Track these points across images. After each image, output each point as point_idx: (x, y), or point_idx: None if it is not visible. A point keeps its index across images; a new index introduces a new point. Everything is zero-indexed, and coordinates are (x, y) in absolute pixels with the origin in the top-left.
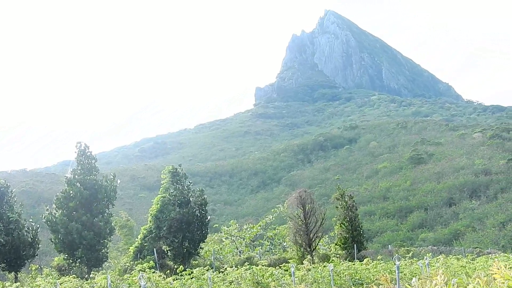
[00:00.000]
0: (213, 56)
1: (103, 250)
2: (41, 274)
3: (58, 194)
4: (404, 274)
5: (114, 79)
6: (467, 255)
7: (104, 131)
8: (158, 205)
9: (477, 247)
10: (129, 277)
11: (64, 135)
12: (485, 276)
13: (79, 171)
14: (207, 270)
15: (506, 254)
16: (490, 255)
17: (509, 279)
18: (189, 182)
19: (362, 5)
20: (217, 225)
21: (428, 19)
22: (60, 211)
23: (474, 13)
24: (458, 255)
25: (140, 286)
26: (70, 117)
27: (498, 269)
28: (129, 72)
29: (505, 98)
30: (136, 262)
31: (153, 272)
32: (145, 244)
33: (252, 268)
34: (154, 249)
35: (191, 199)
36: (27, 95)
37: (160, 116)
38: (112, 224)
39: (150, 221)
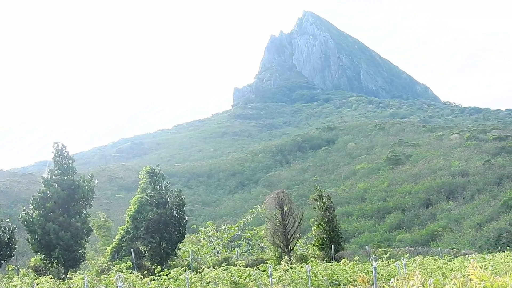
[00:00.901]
0: (213, 56)
1: (80, 251)
2: (18, 275)
3: (35, 194)
4: (381, 275)
5: (114, 79)
6: (444, 256)
7: (104, 131)
8: (136, 206)
9: (454, 248)
10: (107, 277)
11: (64, 135)
12: (461, 277)
13: (56, 172)
14: (185, 271)
15: (482, 255)
16: (467, 256)
17: (485, 280)
18: (167, 183)
19: (362, 5)
20: (194, 225)
21: (428, 19)
22: (37, 211)
23: (474, 13)
24: (435, 256)
25: (117, 286)
26: (70, 117)
27: (474, 270)
28: (129, 72)
29: (504, 98)
30: (113, 262)
31: (130, 273)
32: (122, 244)
33: (230, 268)
34: (132, 250)
35: (168, 199)
36: (27, 95)
37: (160, 116)
38: (90, 225)
39: (128, 222)
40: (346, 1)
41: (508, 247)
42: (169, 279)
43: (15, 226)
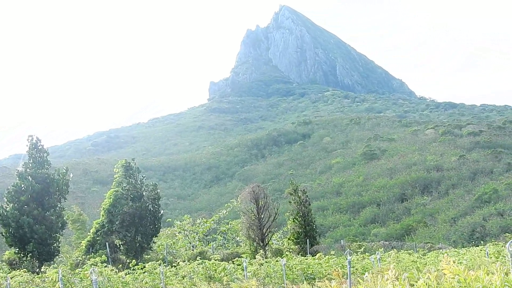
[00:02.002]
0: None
1: (55, 244)
2: None
3: (9, 187)
4: (356, 269)
5: (114, 79)
6: (419, 250)
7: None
8: (111, 199)
9: (428, 242)
10: (81, 271)
11: (64, 135)
12: (435, 271)
13: (30, 165)
14: (160, 265)
15: (456, 250)
16: (441, 250)
17: (458, 274)
18: (142, 176)
19: (362, 6)
20: (170, 219)
21: (428, 19)
22: (11, 205)
23: (474, 13)
24: (410, 250)
25: (92, 280)
26: (70, 117)
27: (448, 264)
28: (129, 72)
29: (504, 97)
30: (88, 256)
31: (105, 266)
32: (97, 238)
33: (205, 262)
34: (107, 243)
35: (144, 193)
36: (27, 95)
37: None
38: (64, 218)
39: (103, 215)
40: (346, 1)
41: (482, 242)
42: (144, 273)
43: None
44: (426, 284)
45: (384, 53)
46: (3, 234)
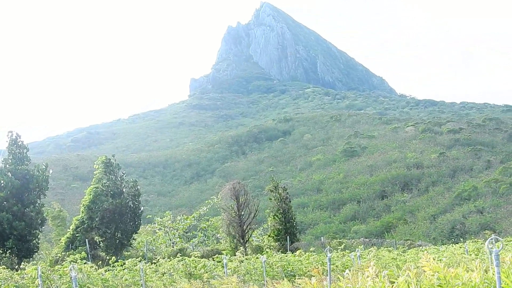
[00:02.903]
0: (169, 46)
1: (34, 241)
2: None
3: None
4: (336, 266)
5: (114, 80)
6: (398, 247)
7: None
8: (91, 196)
9: (408, 240)
10: (60, 268)
11: (44, 131)
12: (415, 268)
13: (10, 161)
14: (140, 261)
15: (436, 247)
16: (421, 247)
17: (438, 271)
18: (122, 173)
19: (361, 3)
20: (150, 216)
21: (428, 18)
22: None
23: (472, 12)
24: (390, 247)
25: (71, 277)
26: (70, 117)
27: (428, 261)
28: (129, 72)
29: (501, 96)
30: (67, 253)
31: (84, 263)
32: (77, 235)
33: (185, 259)
34: (86, 240)
35: (124, 189)
36: (27, 95)
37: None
38: (44, 215)
39: (83, 212)
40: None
41: (461, 239)
42: (123, 269)
43: None
44: (406, 281)
45: (367, 51)
46: None
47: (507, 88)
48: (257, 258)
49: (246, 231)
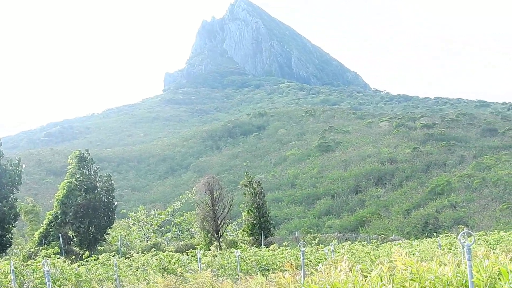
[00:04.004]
0: (142, 40)
1: (7, 236)
2: None
3: None
4: (310, 260)
5: (88, 74)
6: (372, 241)
7: None
8: (64, 191)
9: (382, 234)
10: (33, 263)
11: (17, 126)
12: (388, 263)
13: None
14: (114, 256)
15: (409, 241)
16: (394, 241)
17: (411, 266)
18: (96, 168)
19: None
20: (124, 210)
21: (402, 13)
22: None
23: (450, 8)
24: (364, 241)
25: (44, 272)
26: (43, 111)
27: (400, 256)
28: (103, 66)
29: (490, 94)
30: (41, 247)
31: (58, 258)
32: (50, 229)
33: (159, 254)
34: (60, 235)
35: (98, 184)
36: (27, 95)
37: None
38: (17, 210)
39: (56, 207)
40: None
41: (435, 233)
42: (97, 264)
43: None
44: (379, 275)
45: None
46: None
47: (483, 83)
48: (231, 252)
49: (220, 225)
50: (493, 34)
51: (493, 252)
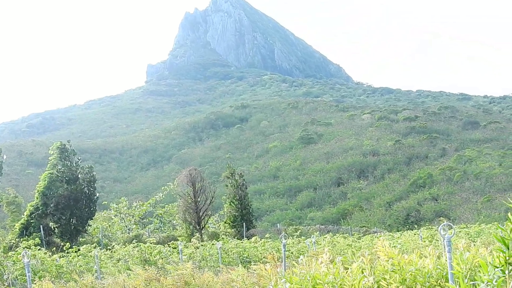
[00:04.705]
0: (125, 32)
1: None
2: None
3: None
4: (292, 253)
5: (70, 64)
6: (354, 234)
7: None
8: (46, 182)
9: (363, 226)
10: (14, 254)
11: None
12: (369, 254)
13: None
14: (95, 248)
15: (391, 233)
16: (376, 234)
17: (392, 257)
18: (78, 159)
19: None
20: (106, 202)
21: (386, 6)
22: None
23: (447, 2)
24: (345, 234)
25: (24, 263)
26: (25, 102)
27: (382, 247)
28: (85, 57)
29: (472, 87)
30: (22, 239)
31: (38, 249)
32: (31, 221)
33: (140, 245)
34: (41, 226)
35: (79, 176)
36: (8, 85)
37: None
38: None
39: (37, 198)
40: None
41: (416, 226)
42: (78, 256)
43: None
44: (360, 267)
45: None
46: None
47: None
48: (213, 244)
49: (202, 217)
50: (476, 26)
51: (474, 245)
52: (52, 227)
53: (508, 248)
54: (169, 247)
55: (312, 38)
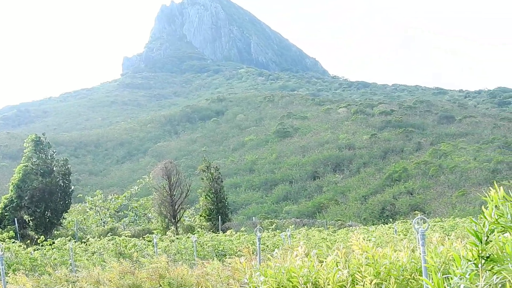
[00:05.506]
0: (100, 24)
1: None
2: None
3: None
4: (267, 246)
5: (45, 57)
6: (329, 227)
7: None
8: (20, 174)
9: (339, 220)
10: None
11: None
12: (344, 248)
13: None
14: (69, 241)
15: (366, 227)
16: (351, 227)
17: (366, 251)
18: (53, 151)
19: None
20: (81, 195)
21: (379, 2)
22: None
23: None
24: (320, 227)
25: None
26: (26, 100)
27: (357, 241)
28: (60, 49)
29: (448, 82)
30: None
31: (13, 242)
32: (6, 214)
33: (115, 238)
34: (15, 219)
35: (54, 168)
36: (0, 83)
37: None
38: None
39: (12, 191)
40: None
41: (391, 219)
42: (52, 249)
43: None
44: (335, 260)
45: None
46: None
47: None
48: (188, 237)
49: (178, 210)
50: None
51: (448, 238)
52: (27, 220)
53: (481, 242)
54: (144, 240)
55: (295, 33)
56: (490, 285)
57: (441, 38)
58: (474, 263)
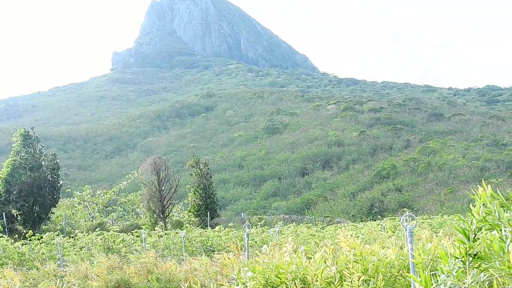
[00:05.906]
0: (90, 19)
1: None
2: None
3: None
4: (255, 242)
5: (34, 51)
6: (318, 224)
7: None
8: (9, 169)
9: (327, 217)
10: None
11: None
12: (332, 244)
13: None
14: (58, 235)
15: (354, 224)
16: (340, 224)
17: (354, 248)
18: (42, 146)
19: None
20: (70, 190)
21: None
22: None
23: None
24: (309, 224)
25: None
26: (15, 94)
27: (345, 238)
28: (49, 43)
29: (437, 79)
30: None
31: (1, 237)
32: None
33: (104, 233)
34: (3, 213)
35: (43, 163)
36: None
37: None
38: None
39: (0, 185)
40: None
41: (380, 216)
42: (41, 243)
43: None
44: (323, 257)
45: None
46: None
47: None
48: (176, 233)
49: (166, 206)
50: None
51: (436, 236)
52: (15, 214)
53: (469, 239)
54: (132, 235)
55: (284, 28)
56: (477, 282)
57: (430, 33)
58: (461, 260)
